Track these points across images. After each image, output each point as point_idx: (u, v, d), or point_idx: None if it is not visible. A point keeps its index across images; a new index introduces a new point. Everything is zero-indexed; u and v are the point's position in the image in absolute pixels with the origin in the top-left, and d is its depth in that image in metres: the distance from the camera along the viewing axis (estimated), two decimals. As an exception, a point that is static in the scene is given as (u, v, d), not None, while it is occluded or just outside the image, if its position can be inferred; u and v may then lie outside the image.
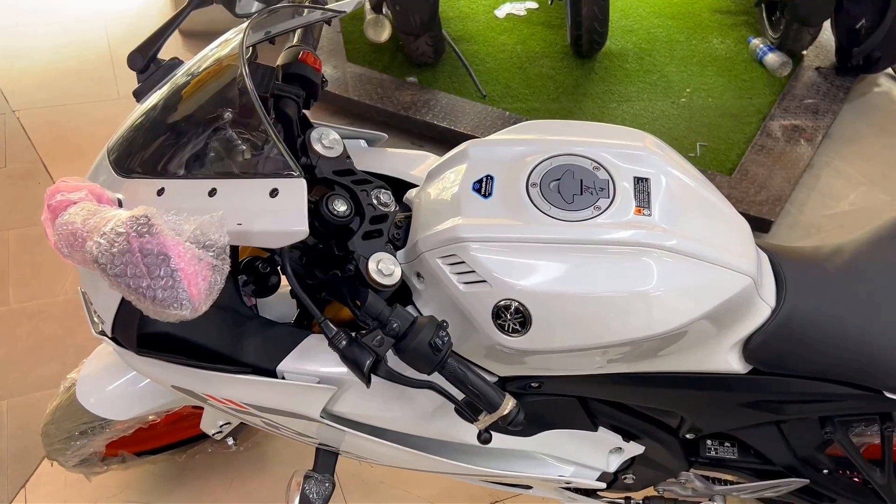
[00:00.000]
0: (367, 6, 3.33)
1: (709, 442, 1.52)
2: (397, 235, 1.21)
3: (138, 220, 0.85)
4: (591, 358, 1.16)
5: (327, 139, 1.18)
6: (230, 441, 1.68)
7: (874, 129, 3.37)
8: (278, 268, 1.28)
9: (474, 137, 3.01)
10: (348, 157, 1.21)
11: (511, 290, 1.08)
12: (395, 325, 1.04)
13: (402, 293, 1.21)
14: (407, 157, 1.41)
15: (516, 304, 1.08)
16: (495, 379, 1.24)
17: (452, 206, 1.15)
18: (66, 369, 1.79)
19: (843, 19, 3.40)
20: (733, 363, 1.23)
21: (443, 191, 1.19)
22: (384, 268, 1.11)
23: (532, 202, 1.12)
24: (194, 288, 0.84)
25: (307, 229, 0.99)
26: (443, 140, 3.02)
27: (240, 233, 0.98)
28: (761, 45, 3.56)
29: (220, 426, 1.58)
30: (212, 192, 1.00)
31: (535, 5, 3.84)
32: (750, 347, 1.21)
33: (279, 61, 1.23)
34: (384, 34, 3.34)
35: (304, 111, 1.29)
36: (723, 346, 1.22)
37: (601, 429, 1.44)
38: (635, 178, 1.15)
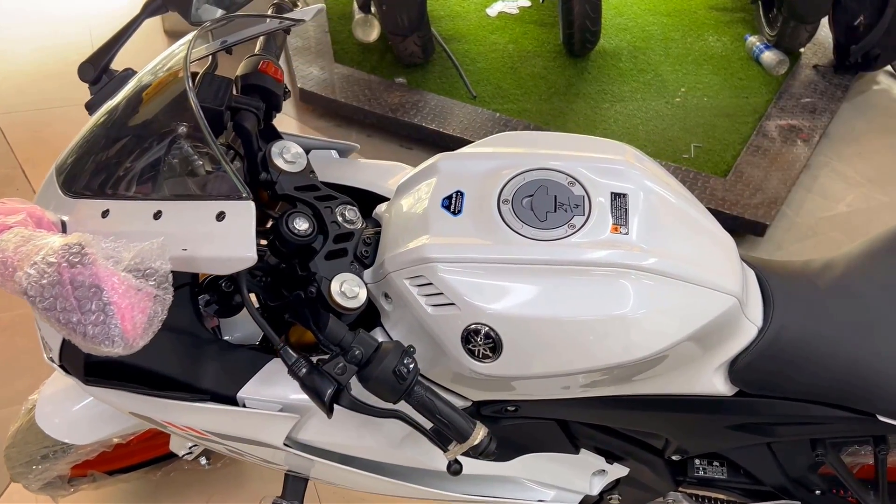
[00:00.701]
0: (355, 6, 3.27)
1: (697, 462, 1.47)
2: (366, 253, 1.15)
3: (71, 248, 0.79)
4: (569, 382, 1.11)
5: (289, 153, 1.12)
6: (202, 461, 1.63)
7: (873, 128, 3.31)
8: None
9: (464, 139, 3.00)
10: (312, 171, 1.15)
11: (480, 314, 1.02)
12: (357, 352, 0.98)
13: (371, 314, 1.15)
14: (380, 169, 1.35)
15: (486, 328, 1.02)
16: (468, 404, 1.19)
17: (420, 224, 1.09)
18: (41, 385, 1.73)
19: (841, 16, 3.33)
20: (719, 385, 1.17)
21: (412, 206, 1.14)
22: (348, 289, 1.05)
23: (503, 220, 1.06)
24: (129, 322, 0.78)
25: (255, 256, 0.93)
26: (432, 143, 2.96)
27: (185, 259, 0.92)
28: (758, 43, 3.50)
29: (190, 447, 1.53)
30: (157, 215, 0.94)
31: (527, 3, 3.77)
32: (736, 369, 1.16)
33: (238, 72, 1.17)
34: (373, 34, 3.28)
35: (272, 123, 1.23)
36: (708, 367, 1.16)
37: (583, 451, 1.38)
38: (612, 193, 1.09)
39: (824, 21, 3.45)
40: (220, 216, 0.93)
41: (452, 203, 1.09)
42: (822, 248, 2.73)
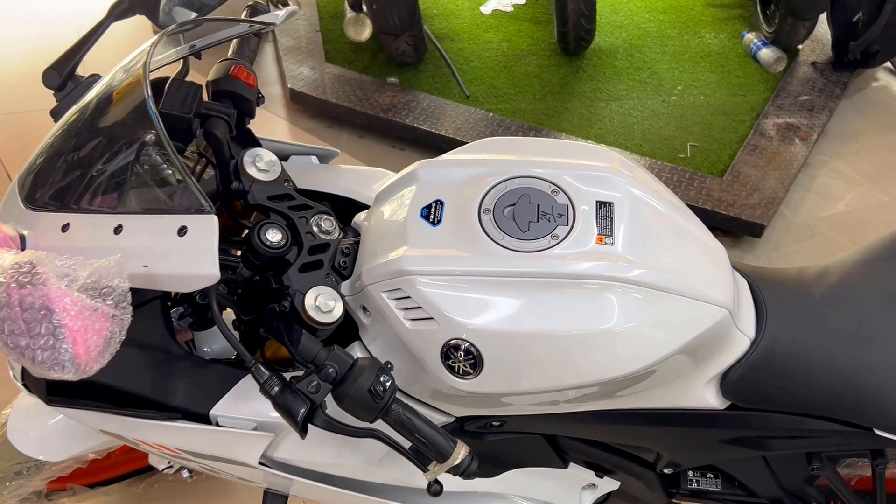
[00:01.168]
0: (347, 5, 3.22)
1: (690, 474, 1.43)
2: (344, 264, 1.11)
3: (21, 267, 0.75)
4: (556, 398, 1.07)
5: (262, 161, 1.08)
6: (185, 473, 1.59)
7: (873, 126, 3.26)
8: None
9: (457, 140, 2.95)
10: (287, 180, 1.11)
11: (460, 329, 0.98)
12: (330, 370, 0.94)
13: (350, 328, 1.11)
14: (361, 175, 1.31)
15: (466, 344, 0.98)
16: (450, 420, 1.15)
17: (399, 235, 1.05)
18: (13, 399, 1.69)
19: (839, 12, 3.28)
20: (710, 399, 1.13)
21: (390, 216, 1.10)
22: (322, 303, 1.01)
23: (484, 231, 1.02)
24: (82, 346, 0.74)
25: (217, 273, 0.89)
26: (424, 143, 2.91)
27: (145, 276, 0.88)
28: (755, 40, 3.45)
29: (169, 462, 1.49)
30: (118, 229, 0.90)
31: (522, 0, 3.73)
32: (728, 382, 1.12)
33: (209, 77, 1.13)
34: (365, 33, 3.24)
35: (248, 128, 1.19)
36: (698, 381, 1.12)
37: (572, 465, 1.34)
38: (598, 202, 1.05)
39: (822, 18, 3.40)
40: (182, 231, 0.89)
41: (432, 213, 1.05)
42: (821, 248, 2.68)
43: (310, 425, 0.97)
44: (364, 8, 3.06)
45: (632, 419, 1.17)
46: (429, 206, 1.06)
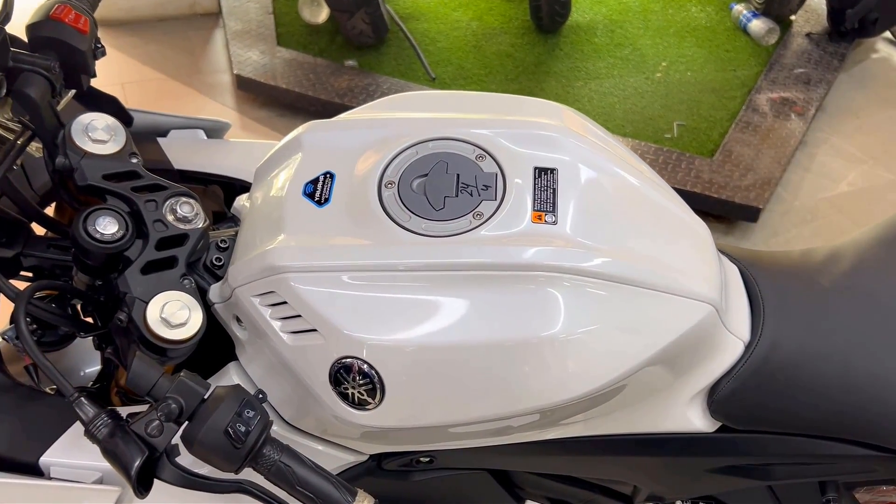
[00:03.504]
0: (301, -17, 2.97)
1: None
2: (218, 261, 0.86)
3: None
4: (493, 428, 0.81)
5: (97, 130, 0.83)
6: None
7: (873, 100, 3.02)
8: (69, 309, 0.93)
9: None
10: (133, 153, 0.85)
11: (351, 344, 0.73)
12: (173, 405, 0.69)
13: (228, 347, 0.87)
14: (253, 149, 1.06)
15: (359, 363, 0.73)
16: (362, 459, 0.89)
17: (275, 220, 0.80)
18: None
19: (834, -22, 3.03)
20: (695, 420, 0.89)
21: (270, 195, 0.85)
22: (172, 315, 0.76)
23: (385, 210, 0.77)
24: None
25: None
26: (385, 130, 2.66)
27: None
28: (745, 12, 3.21)
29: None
30: None
31: (494, -21, 3.47)
32: (717, 398, 0.87)
33: (28, 21, 0.87)
34: (321, 15, 2.99)
35: (91, 89, 0.93)
36: (680, 398, 0.88)
37: (529, 502, 1.09)
38: (536, 169, 0.80)
39: (817, -14, 3.16)
40: None
41: (318, 189, 0.80)
42: (824, 232, 2.44)
43: (159, 480, 0.72)
44: (317, -15, 2.80)
45: (600, 448, 0.92)
46: (315, 181, 0.81)
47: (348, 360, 0.73)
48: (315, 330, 0.74)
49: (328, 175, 0.81)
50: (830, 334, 0.89)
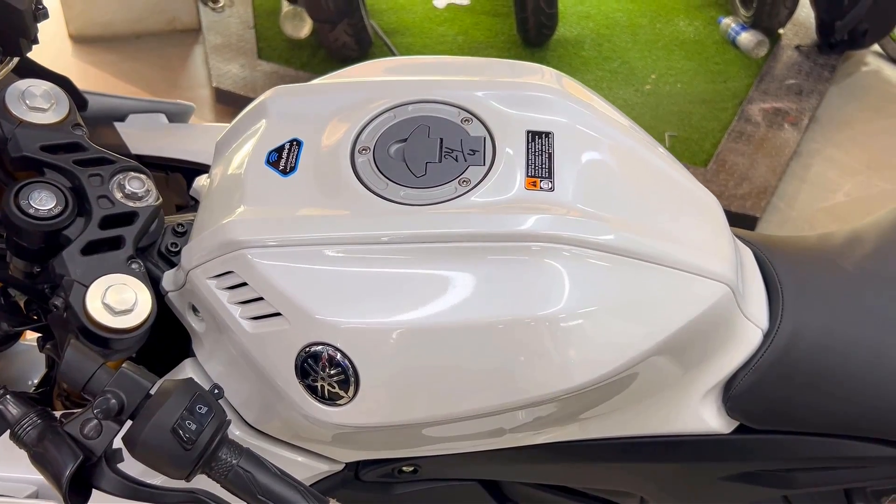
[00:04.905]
0: (284, 1, 2.91)
1: (688, 520, 1.07)
2: (174, 247, 0.77)
3: None
4: (483, 430, 0.72)
5: (35, 97, 0.74)
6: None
7: (866, 113, 2.97)
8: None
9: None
10: (78, 124, 0.76)
11: (319, 328, 0.63)
12: (112, 401, 0.59)
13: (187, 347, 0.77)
14: (220, 133, 0.97)
15: (329, 350, 0.63)
16: (337, 468, 0.79)
17: (234, 192, 0.71)
18: None
19: (822, -10, 2.99)
20: (709, 419, 0.80)
21: (230, 168, 0.75)
22: (116, 300, 0.66)
23: (358, 178, 0.68)
24: None
25: None
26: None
27: None
28: (733, 25, 3.17)
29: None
30: None
31: (479, -6, 3.43)
32: (733, 394, 0.78)
33: None
34: (304, 29, 2.92)
35: (27, 58, 0.84)
36: (692, 395, 0.79)
37: (525, 519, 0.99)
38: (529, 133, 0.71)
39: (805, 1, 3.12)
40: None
41: (283, 158, 0.71)
42: (822, 242, 2.37)
43: (97, 490, 0.62)
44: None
45: (603, 453, 0.83)
46: (279, 150, 0.72)
47: (317, 347, 0.64)
48: (279, 314, 0.65)
49: (294, 142, 0.72)
50: (858, 321, 0.80)
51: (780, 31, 3.19)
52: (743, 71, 3.01)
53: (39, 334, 0.86)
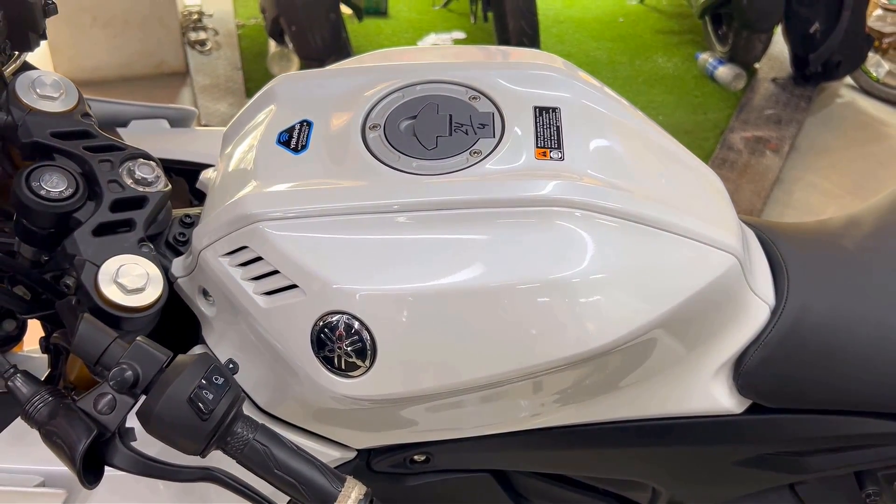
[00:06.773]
0: (269, 38, 2.96)
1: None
2: (182, 237, 0.77)
3: None
4: (496, 404, 0.71)
5: (45, 86, 0.74)
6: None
7: (843, 140, 3.04)
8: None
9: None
10: (87, 114, 0.76)
11: (337, 297, 0.63)
12: (127, 372, 0.59)
13: (195, 331, 0.76)
14: (221, 136, 0.98)
15: (346, 318, 0.63)
16: (349, 456, 0.78)
17: (245, 172, 0.71)
18: None
19: (794, 25, 3.09)
20: (721, 398, 0.79)
21: (238, 154, 0.76)
22: (128, 279, 0.66)
23: (370, 151, 0.69)
24: None
25: None
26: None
27: None
28: (711, 60, 3.26)
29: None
30: None
31: (462, 35, 3.50)
32: (744, 371, 0.78)
33: None
34: (292, 68, 2.96)
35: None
36: (703, 371, 0.78)
37: (537, 515, 0.97)
38: (537, 108, 0.72)
39: (778, 34, 3.22)
40: None
41: (294, 137, 0.72)
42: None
43: (110, 468, 0.61)
44: (286, 37, 2.78)
45: (613, 438, 0.82)
46: (290, 130, 0.72)
47: (334, 317, 0.63)
48: (295, 286, 0.64)
49: (305, 123, 0.72)
50: (863, 295, 0.81)
51: (756, 65, 3.28)
52: (722, 103, 3.08)
53: (40, 337, 0.85)
